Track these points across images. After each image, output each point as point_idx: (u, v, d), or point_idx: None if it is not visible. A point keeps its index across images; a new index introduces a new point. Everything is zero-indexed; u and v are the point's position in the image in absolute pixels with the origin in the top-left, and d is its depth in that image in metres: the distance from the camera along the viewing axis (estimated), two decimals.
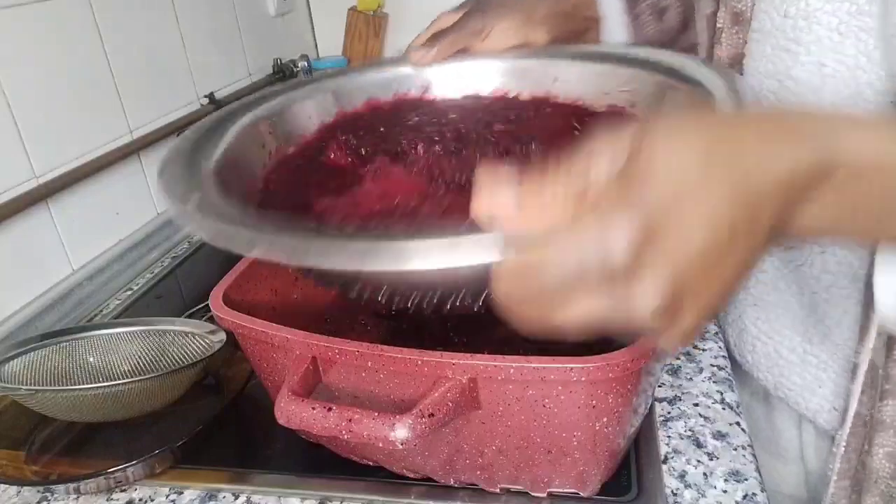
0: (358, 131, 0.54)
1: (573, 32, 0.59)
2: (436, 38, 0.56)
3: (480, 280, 0.30)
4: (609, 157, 0.26)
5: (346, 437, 0.38)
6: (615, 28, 0.60)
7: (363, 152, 0.51)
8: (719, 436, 0.51)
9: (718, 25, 0.53)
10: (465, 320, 0.60)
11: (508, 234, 0.27)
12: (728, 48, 0.53)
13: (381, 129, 0.54)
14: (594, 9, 0.60)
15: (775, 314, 0.56)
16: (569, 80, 0.54)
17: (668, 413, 0.54)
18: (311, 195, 0.45)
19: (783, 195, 0.26)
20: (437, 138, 0.51)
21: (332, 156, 0.51)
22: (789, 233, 0.28)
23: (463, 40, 0.56)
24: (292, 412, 0.40)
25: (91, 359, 0.61)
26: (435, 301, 0.36)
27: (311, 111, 0.54)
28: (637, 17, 0.59)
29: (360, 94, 0.56)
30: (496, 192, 0.27)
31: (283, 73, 1.27)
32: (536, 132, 0.49)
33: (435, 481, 0.49)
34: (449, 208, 0.40)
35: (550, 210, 0.26)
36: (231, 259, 0.54)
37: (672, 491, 0.47)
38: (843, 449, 0.47)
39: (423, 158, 0.46)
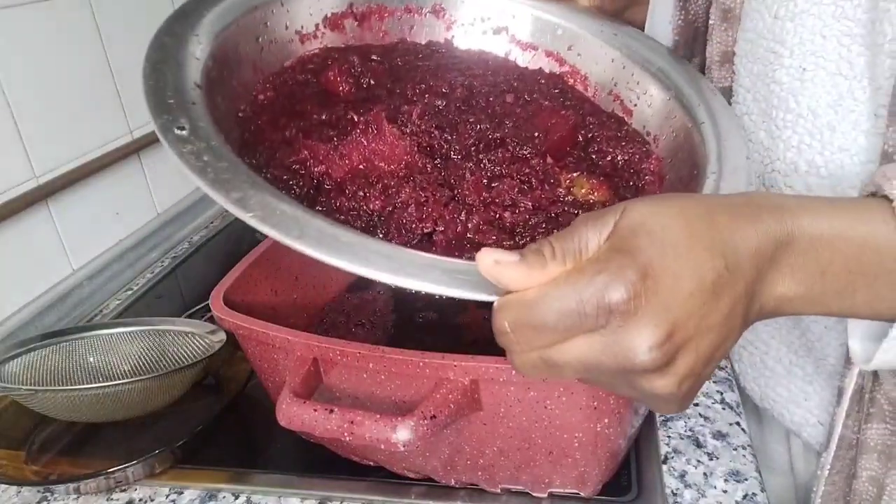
0: (367, 59, 0.51)
1: (619, 6, 0.59)
2: None
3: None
4: (598, 226, 0.29)
5: (348, 439, 0.38)
6: (664, 2, 0.58)
7: (365, 84, 0.50)
8: (719, 436, 0.51)
9: (711, 22, 0.53)
10: (467, 324, 0.60)
11: (512, 280, 0.28)
12: (718, 45, 0.52)
13: (393, 62, 0.52)
14: None
15: (763, 324, 0.56)
16: (584, 54, 0.53)
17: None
18: (298, 130, 0.44)
19: (753, 262, 0.29)
20: (445, 91, 0.49)
21: (332, 76, 0.49)
22: (767, 305, 0.31)
23: None
24: (294, 414, 0.40)
25: (91, 359, 0.61)
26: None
27: (316, 7, 0.51)
28: None
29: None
30: (499, 259, 0.28)
31: None
32: (539, 129, 0.48)
33: (435, 481, 0.49)
34: (426, 201, 0.40)
35: (550, 261, 0.28)
36: (231, 259, 0.54)
37: (672, 491, 0.47)
38: (828, 472, 0.47)
39: (417, 124, 0.45)
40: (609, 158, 0.48)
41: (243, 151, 0.41)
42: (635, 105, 0.52)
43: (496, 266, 0.28)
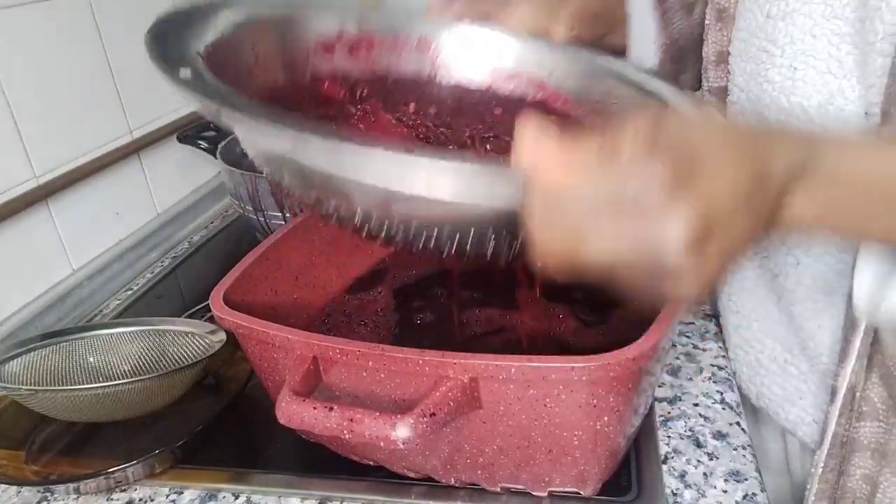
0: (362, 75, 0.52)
1: (595, 35, 0.59)
2: None
3: (509, 219, 0.29)
4: (640, 120, 0.28)
5: (347, 436, 0.38)
6: (644, 23, 0.59)
7: (359, 94, 0.50)
8: (719, 436, 0.51)
9: (706, 22, 0.53)
10: (470, 320, 0.60)
11: (543, 162, 0.27)
12: (714, 45, 0.52)
13: (385, 82, 0.53)
14: (620, 12, 0.60)
15: (757, 322, 0.56)
16: (565, 78, 0.54)
17: (668, 413, 0.54)
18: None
19: (782, 178, 0.30)
20: (436, 102, 0.50)
21: (328, 86, 0.49)
22: (785, 217, 0.31)
23: (484, 6, 0.55)
24: (293, 412, 0.40)
25: (91, 359, 0.61)
26: (457, 244, 0.35)
27: (318, 30, 0.51)
28: (666, 11, 0.59)
29: (380, 30, 0.54)
30: (540, 139, 0.28)
31: None
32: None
33: (435, 481, 0.49)
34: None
35: (585, 150, 0.27)
36: (231, 259, 0.54)
37: (672, 491, 0.47)
38: (821, 469, 0.47)
39: (414, 116, 0.45)
40: None
41: None
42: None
43: (536, 142, 0.27)
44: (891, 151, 0.32)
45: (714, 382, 0.57)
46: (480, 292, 0.63)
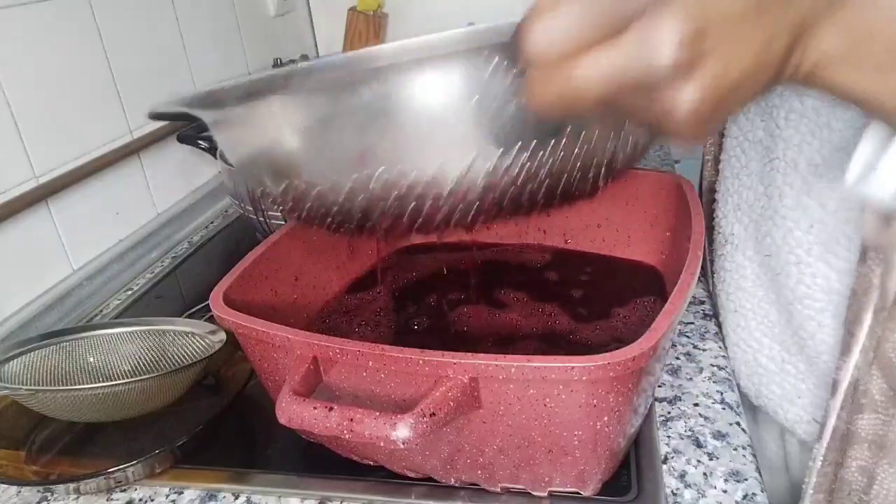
0: None
1: None
2: None
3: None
4: None
5: (347, 436, 0.38)
6: None
7: None
8: (719, 436, 0.51)
9: None
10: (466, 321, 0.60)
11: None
12: None
13: None
14: None
15: (755, 321, 0.56)
16: None
17: (668, 413, 0.54)
18: None
19: (809, 2, 0.26)
20: None
21: None
22: (808, 62, 0.28)
23: None
24: (294, 412, 0.40)
25: (91, 359, 0.61)
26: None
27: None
28: None
29: None
30: None
31: None
32: None
33: (435, 481, 0.49)
34: None
35: None
36: (232, 259, 0.54)
37: (672, 491, 0.47)
38: (820, 463, 0.47)
39: None
40: None
41: None
42: None
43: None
44: None
45: (714, 382, 0.57)
46: (480, 292, 0.63)
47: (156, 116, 0.39)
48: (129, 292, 0.83)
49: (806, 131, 0.46)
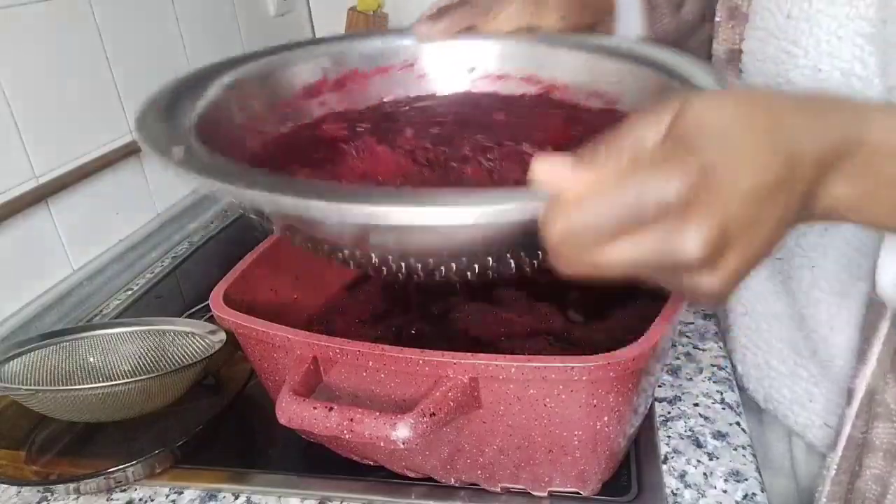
0: (350, 113, 0.53)
1: (585, 22, 0.58)
2: (443, 12, 0.55)
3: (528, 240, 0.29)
4: (654, 123, 0.27)
5: (347, 436, 0.38)
6: (630, 19, 0.58)
7: (360, 129, 0.50)
8: (719, 436, 0.51)
9: (717, 19, 0.53)
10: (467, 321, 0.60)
11: (561, 183, 0.27)
12: (724, 43, 0.52)
13: (384, 111, 0.53)
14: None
15: (766, 325, 0.56)
16: (554, 67, 0.54)
17: (668, 413, 0.54)
18: (292, 166, 0.44)
19: (816, 164, 0.28)
20: (438, 119, 0.50)
21: (327, 127, 0.50)
22: (818, 208, 0.29)
23: (471, 17, 0.55)
24: (294, 412, 0.40)
25: (91, 359, 0.61)
26: (477, 266, 0.35)
27: (302, 76, 0.52)
28: (654, 7, 0.58)
29: (360, 62, 0.55)
30: (553, 162, 0.27)
31: None
32: (534, 128, 0.48)
33: (435, 481, 0.49)
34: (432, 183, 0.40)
35: (606, 160, 0.27)
36: (231, 259, 0.54)
37: (672, 491, 0.47)
38: (834, 472, 0.47)
39: (410, 140, 0.46)
40: None
41: None
42: (619, 93, 0.52)
43: (550, 170, 0.27)
44: None
45: (714, 382, 0.57)
46: (480, 292, 0.63)
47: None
48: (129, 292, 0.83)
49: None
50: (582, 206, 0.26)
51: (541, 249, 0.33)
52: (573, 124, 0.50)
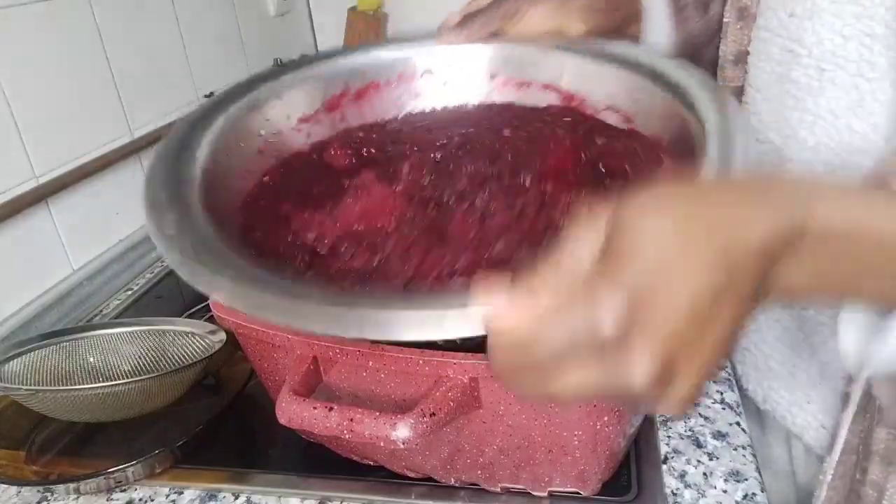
0: (367, 132, 0.53)
1: (612, 26, 0.58)
2: (468, 19, 0.54)
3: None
4: (591, 240, 0.27)
5: (347, 436, 0.38)
6: (658, 21, 0.57)
7: (365, 153, 0.51)
8: (719, 436, 0.51)
9: (725, 20, 0.52)
10: None
11: (500, 319, 0.27)
12: (733, 44, 0.52)
13: (392, 129, 0.54)
14: (636, 2, 0.58)
15: (766, 325, 0.55)
16: (576, 78, 0.54)
17: None
18: (294, 204, 0.45)
19: (760, 259, 0.27)
20: (442, 142, 0.51)
21: (333, 151, 0.50)
22: (775, 294, 0.29)
23: (495, 22, 0.54)
24: (294, 412, 0.40)
25: (91, 359, 0.61)
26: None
27: (302, 99, 0.53)
28: (681, 9, 0.57)
29: (363, 78, 0.55)
30: (492, 286, 0.27)
31: None
32: (538, 153, 0.48)
33: (435, 481, 0.49)
34: (415, 242, 0.41)
35: (540, 297, 0.26)
36: None
37: (672, 491, 0.47)
38: (830, 476, 0.46)
39: (408, 177, 0.46)
40: (618, 170, 0.47)
41: (244, 234, 0.42)
42: (634, 112, 0.52)
43: (489, 296, 0.27)
44: (871, 206, 0.29)
45: (714, 382, 0.57)
46: None
47: None
48: (129, 292, 0.83)
49: (822, 134, 0.45)
50: (522, 340, 0.26)
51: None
52: (579, 150, 0.49)
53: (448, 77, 0.56)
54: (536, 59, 0.55)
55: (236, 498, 0.49)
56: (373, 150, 0.51)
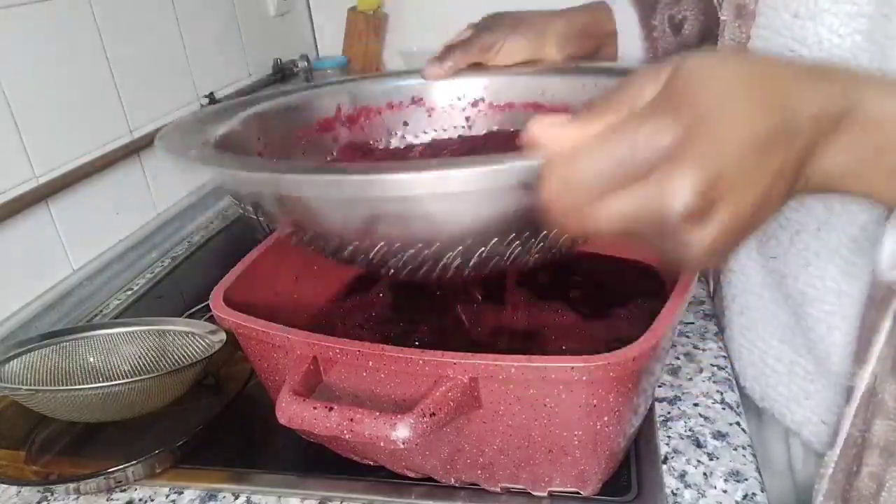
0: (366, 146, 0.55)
1: (586, 52, 0.60)
2: (448, 51, 0.58)
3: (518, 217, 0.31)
4: (651, 79, 0.27)
5: (347, 436, 0.38)
6: (631, 42, 0.60)
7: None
8: (719, 436, 0.51)
9: (723, 18, 0.52)
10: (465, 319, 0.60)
11: (554, 142, 0.28)
12: (731, 42, 0.52)
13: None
14: (610, 25, 0.61)
15: (763, 323, 0.56)
16: (558, 92, 0.56)
17: (668, 413, 0.54)
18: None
19: (813, 125, 0.27)
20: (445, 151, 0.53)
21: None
22: (815, 175, 0.29)
23: (475, 55, 0.58)
24: (294, 412, 0.40)
25: (91, 359, 0.61)
26: (464, 259, 0.36)
27: (319, 111, 0.56)
28: (652, 29, 0.59)
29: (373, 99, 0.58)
30: (548, 121, 0.28)
31: (282, 73, 1.27)
32: None
33: (435, 481, 0.49)
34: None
35: (594, 125, 0.27)
36: (231, 259, 0.54)
37: (672, 491, 0.47)
38: (831, 470, 0.47)
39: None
40: None
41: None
42: None
43: (546, 129, 0.27)
44: None
45: (714, 382, 0.57)
46: (480, 291, 0.63)
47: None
48: (129, 292, 0.83)
49: None
50: (576, 159, 0.27)
51: (541, 226, 0.33)
52: None
53: (434, 104, 0.60)
54: (515, 82, 0.58)
55: (236, 498, 0.49)
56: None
